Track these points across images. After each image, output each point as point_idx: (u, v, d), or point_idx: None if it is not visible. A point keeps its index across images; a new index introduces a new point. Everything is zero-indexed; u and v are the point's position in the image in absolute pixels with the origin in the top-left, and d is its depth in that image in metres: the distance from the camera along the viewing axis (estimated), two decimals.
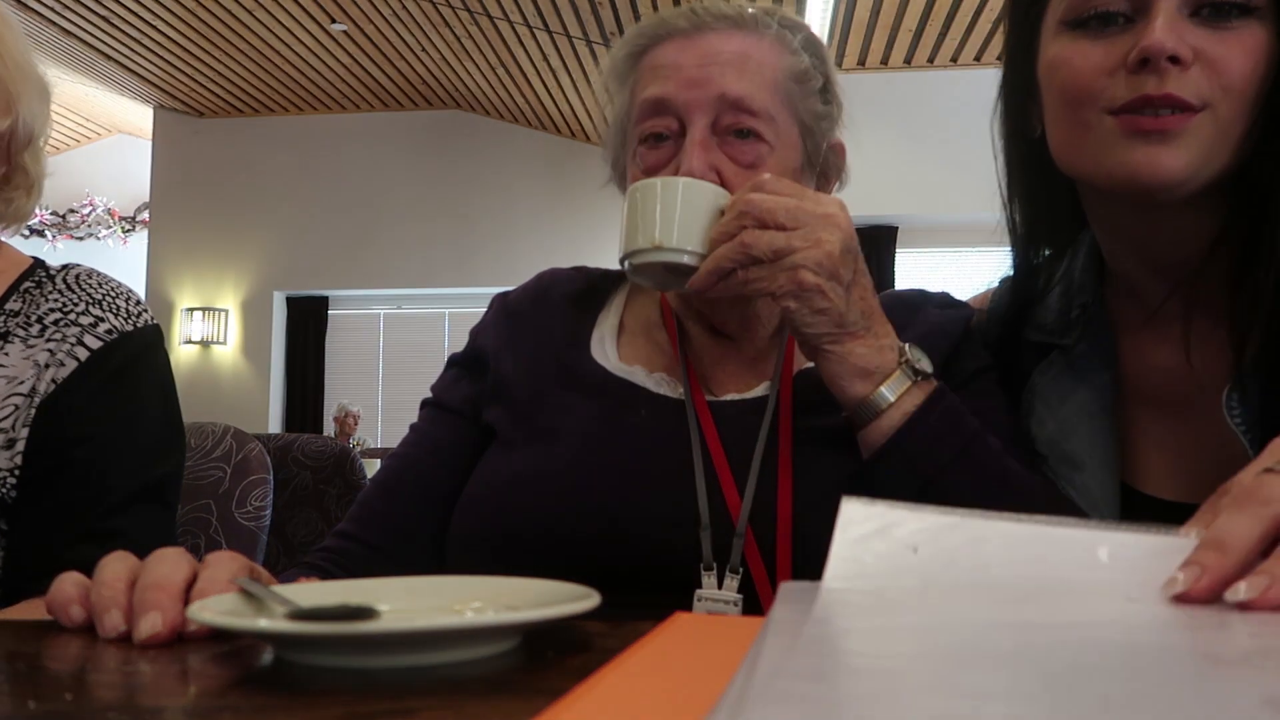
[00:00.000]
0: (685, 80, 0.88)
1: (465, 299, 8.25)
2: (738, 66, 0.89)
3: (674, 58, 0.90)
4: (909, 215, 6.65)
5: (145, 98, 8.08)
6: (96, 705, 0.46)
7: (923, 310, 0.96)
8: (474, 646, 0.53)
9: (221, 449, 1.26)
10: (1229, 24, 0.76)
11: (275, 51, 7.00)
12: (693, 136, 0.88)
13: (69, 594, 0.63)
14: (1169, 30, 0.75)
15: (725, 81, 0.88)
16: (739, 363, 0.96)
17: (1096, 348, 0.92)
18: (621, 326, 1.01)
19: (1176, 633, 0.39)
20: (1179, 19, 0.76)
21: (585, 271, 1.07)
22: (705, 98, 0.88)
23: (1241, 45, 0.76)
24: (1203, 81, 0.76)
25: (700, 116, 0.88)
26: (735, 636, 0.46)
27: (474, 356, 1.02)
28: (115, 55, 7.10)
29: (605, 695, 0.35)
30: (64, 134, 9.50)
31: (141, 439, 1.04)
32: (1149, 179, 0.76)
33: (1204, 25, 0.76)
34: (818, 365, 0.82)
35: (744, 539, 0.82)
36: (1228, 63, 0.75)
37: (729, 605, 0.81)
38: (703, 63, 0.89)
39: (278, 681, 0.50)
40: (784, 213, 0.77)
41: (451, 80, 7.49)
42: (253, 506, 1.23)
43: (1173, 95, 0.75)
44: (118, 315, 1.06)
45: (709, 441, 0.87)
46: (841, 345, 0.80)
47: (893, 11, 5.90)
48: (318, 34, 6.67)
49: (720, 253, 0.79)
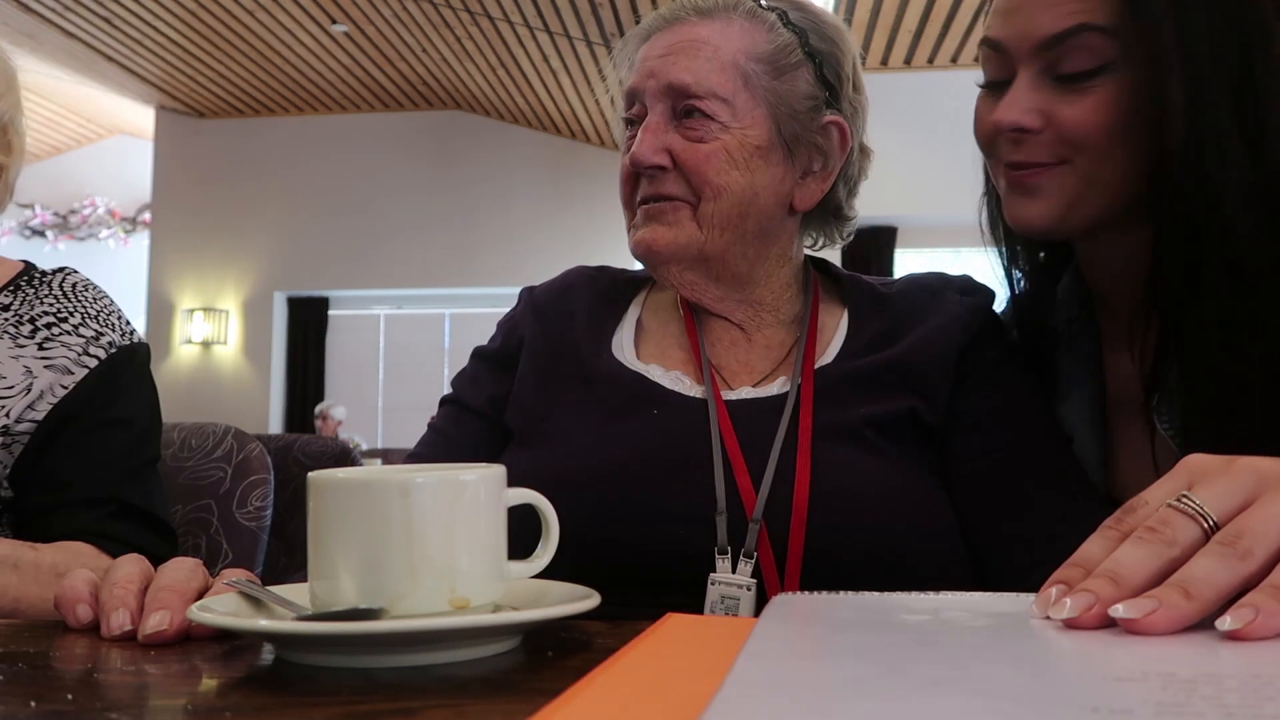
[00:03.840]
0: (646, 71, 0.95)
1: (465, 299, 8.25)
2: (690, 54, 0.93)
3: (647, 51, 0.96)
4: (909, 215, 6.65)
5: (146, 98, 8.08)
6: (97, 705, 0.46)
7: (942, 296, 0.96)
8: (474, 646, 0.53)
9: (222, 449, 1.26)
10: (1080, 85, 0.80)
11: (276, 52, 7.00)
12: (645, 123, 0.94)
13: (79, 591, 0.63)
14: (1014, 106, 0.82)
15: (675, 70, 0.93)
16: (752, 351, 0.97)
17: (1082, 361, 0.94)
18: (640, 325, 1.02)
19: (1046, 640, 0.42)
20: (1037, 85, 0.81)
21: (609, 271, 1.08)
22: (657, 86, 0.93)
23: (1093, 103, 0.79)
24: (1055, 142, 0.81)
25: (654, 103, 0.94)
26: (725, 638, 0.47)
27: (503, 350, 1.02)
28: (116, 56, 7.10)
29: (596, 697, 0.36)
30: (65, 135, 9.51)
31: (147, 432, 1.11)
32: (1020, 226, 0.86)
33: (1060, 87, 0.80)
34: None
35: (759, 525, 0.82)
36: (1077, 121, 0.80)
37: (743, 589, 0.81)
38: (663, 53, 0.94)
39: (278, 681, 0.50)
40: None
41: (452, 81, 7.50)
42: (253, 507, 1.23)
43: (1025, 161, 0.83)
44: (114, 330, 1.11)
45: (725, 437, 0.87)
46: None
47: (893, 11, 5.90)
48: (318, 35, 6.68)
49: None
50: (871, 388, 0.89)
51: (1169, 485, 0.48)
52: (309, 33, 6.64)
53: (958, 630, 0.43)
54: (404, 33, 6.60)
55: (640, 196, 0.95)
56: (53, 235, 9.73)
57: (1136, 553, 0.45)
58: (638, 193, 0.95)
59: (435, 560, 0.54)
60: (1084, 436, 0.91)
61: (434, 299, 8.35)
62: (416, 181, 8.20)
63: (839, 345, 0.95)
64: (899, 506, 0.83)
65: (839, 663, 0.38)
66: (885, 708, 0.31)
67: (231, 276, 8.31)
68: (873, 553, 0.80)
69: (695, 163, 0.92)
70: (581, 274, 1.07)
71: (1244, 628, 0.40)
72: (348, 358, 8.40)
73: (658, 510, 0.84)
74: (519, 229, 8.06)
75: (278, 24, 6.50)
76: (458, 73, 7.29)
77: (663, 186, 0.93)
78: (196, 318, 8.23)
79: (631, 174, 0.95)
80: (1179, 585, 0.43)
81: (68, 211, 9.74)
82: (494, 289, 7.80)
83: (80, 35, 6.72)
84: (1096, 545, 0.47)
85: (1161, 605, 0.42)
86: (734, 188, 0.92)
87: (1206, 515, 0.45)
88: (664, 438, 0.88)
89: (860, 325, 0.95)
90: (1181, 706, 0.30)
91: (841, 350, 0.94)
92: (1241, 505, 0.45)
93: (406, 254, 8.12)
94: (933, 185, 6.21)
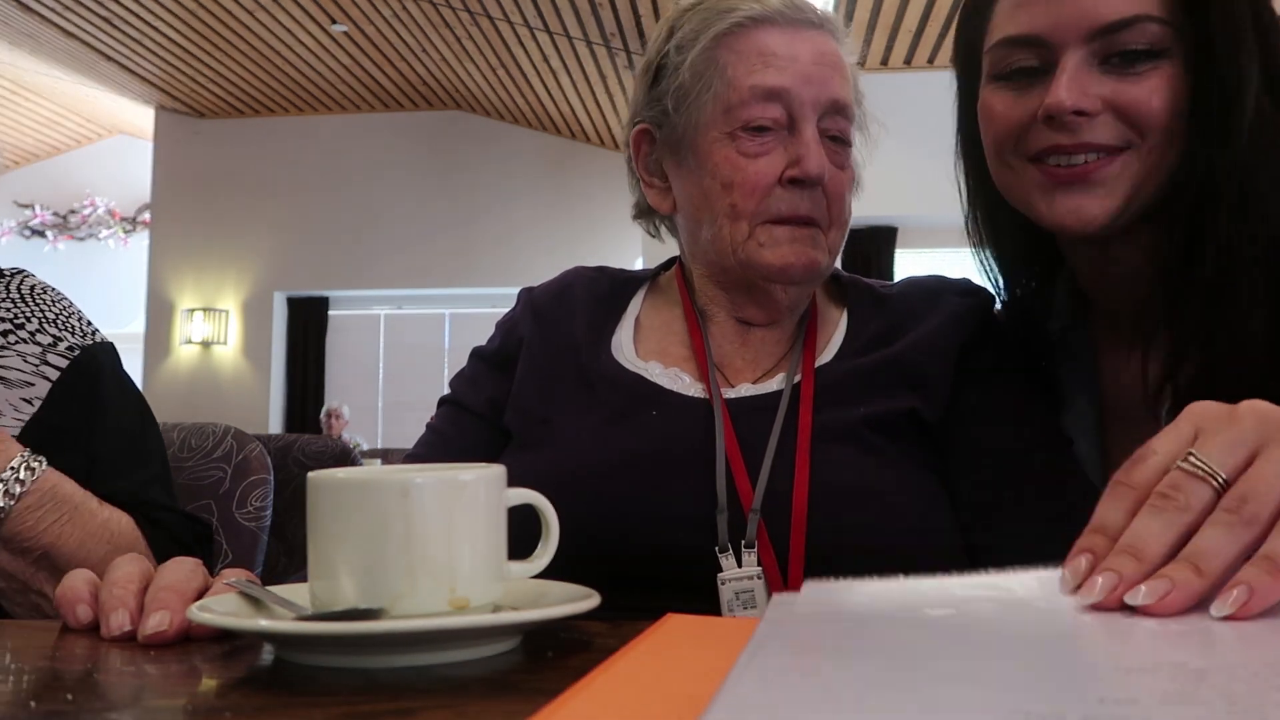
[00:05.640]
0: (801, 75, 0.88)
1: (465, 299, 8.25)
2: (841, 70, 0.90)
3: (786, 48, 0.89)
4: (909, 215, 6.64)
5: (146, 98, 8.08)
6: (97, 705, 0.46)
7: (942, 298, 0.96)
8: (474, 646, 0.53)
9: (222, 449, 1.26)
10: (1138, 69, 0.78)
11: (276, 52, 7.00)
12: (809, 133, 0.88)
13: (79, 592, 0.63)
14: (1072, 87, 0.77)
15: (835, 84, 0.89)
16: (758, 349, 0.96)
17: (1078, 370, 0.94)
18: (639, 324, 1.01)
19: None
20: (1085, 71, 0.78)
21: (608, 271, 1.07)
22: (820, 98, 0.88)
23: (1153, 87, 0.77)
24: (1116, 126, 0.78)
25: (812, 114, 0.88)
26: (725, 638, 0.47)
27: (502, 350, 1.01)
28: (116, 56, 7.10)
29: (596, 697, 0.36)
30: (64, 134, 9.51)
31: (144, 431, 1.05)
32: (1074, 222, 0.80)
33: (1113, 73, 0.78)
34: None
35: (758, 518, 0.82)
36: (1141, 105, 0.78)
37: (755, 579, 0.80)
38: (816, 60, 0.89)
39: (278, 681, 0.50)
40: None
41: (452, 81, 7.50)
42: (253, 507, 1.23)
43: (1089, 142, 0.78)
44: (74, 334, 1.04)
45: (725, 434, 0.87)
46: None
47: (893, 11, 5.90)
48: (318, 35, 6.67)
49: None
50: (871, 386, 0.89)
51: (1174, 435, 0.49)
52: (309, 33, 6.64)
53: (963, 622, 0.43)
54: (404, 33, 6.60)
55: (795, 215, 0.89)
56: (52, 235, 9.73)
57: (1154, 525, 0.46)
58: (772, 205, 0.89)
59: (435, 560, 0.54)
60: (1082, 447, 0.91)
61: (434, 299, 8.35)
62: (416, 181, 8.20)
63: (839, 344, 0.94)
64: (899, 504, 0.83)
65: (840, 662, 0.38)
66: (888, 705, 0.31)
67: (231, 276, 8.31)
68: (873, 551, 0.80)
69: (839, 189, 0.91)
70: (580, 275, 1.06)
71: (1238, 610, 0.42)
72: (348, 358, 8.40)
73: (658, 510, 0.84)
74: (519, 229, 8.06)
75: (278, 24, 6.50)
76: (458, 73, 7.29)
77: (816, 209, 0.89)
78: (196, 318, 8.23)
79: (768, 185, 0.88)
80: (1190, 562, 0.44)
81: (67, 211, 9.74)
82: (494, 289, 7.80)
83: (80, 35, 6.72)
84: (1113, 510, 0.48)
85: (1175, 586, 0.43)
86: (848, 218, 0.93)
87: (1215, 474, 0.46)
88: (664, 438, 0.88)
89: (860, 324, 0.95)
90: (1189, 696, 0.31)
91: (841, 349, 0.94)
92: (1248, 458, 0.46)
93: (406, 254, 8.12)
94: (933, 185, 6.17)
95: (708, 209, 0.91)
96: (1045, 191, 0.81)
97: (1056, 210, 0.81)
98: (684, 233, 0.99)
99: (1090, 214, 0.79)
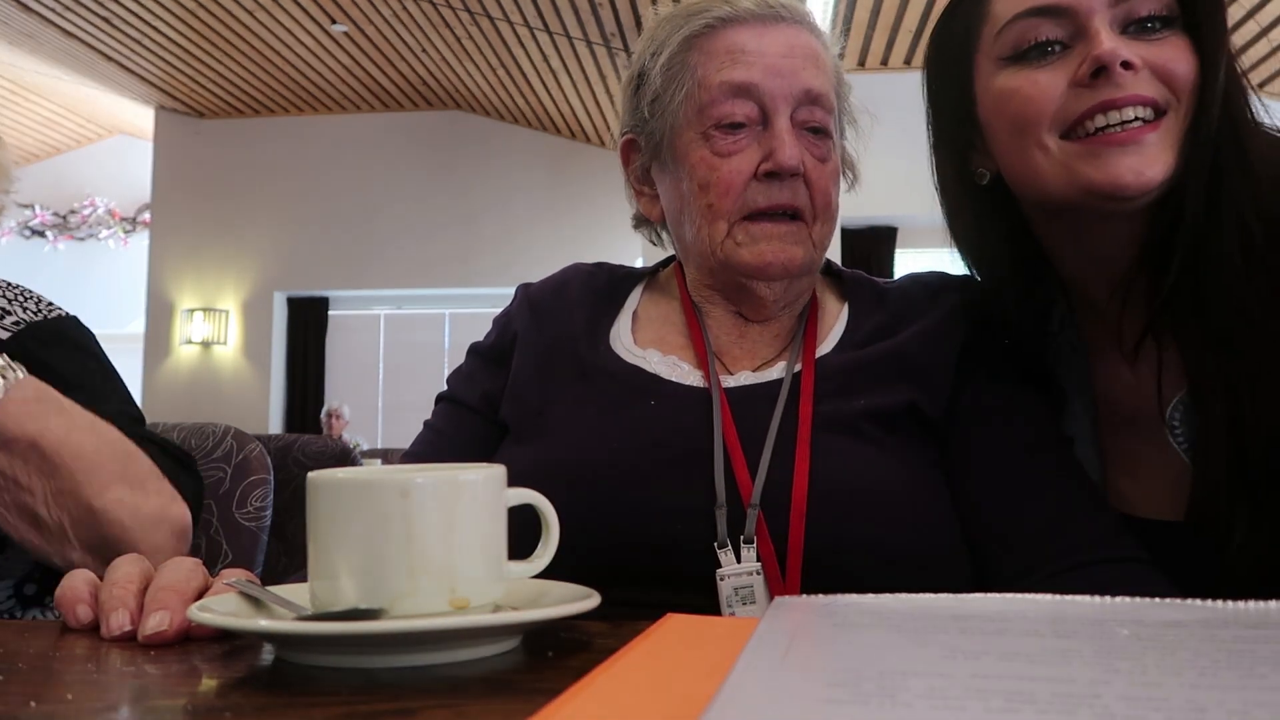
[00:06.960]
0: (769, 68, 0.88)
1: (465, 299, 8.25)
2: (815, 61, 0.90)
3: (755, 44, 0.89)
4: (909, 215, 6.64)
5: (146, 98, 8.08)
6: (97, 705, 0.46)
7: (944, 294, 0.95)
8: (474, 646, 0.53)
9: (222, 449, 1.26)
10: (1158, 34, 0.79)
11: (276, 52, 7.00)
12: (782, 125, 0.87)
13: (79, 591, 0.63)
14: (1113, 41, 0.77)
15: (808, 75, 0.88)
16: (756, 340, 0.96)
17: (1071, 375, 0.94)
18: (637, 316, 1.01)
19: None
20: (1116, 34, 0.79)
21: (606, 266, 1.07)
22: (791, 89, 0.88)
23: (1175, 49, 0.78)
24: (1156, 84, 0.78)
25: (785, 106, 0.88)
26: (725, 638, 0.47)
27: (498, 346, 1.01)
28: (116, 56, 7.10)
29: (596, 697, 0.36)
30: (64, 135, 9.51)
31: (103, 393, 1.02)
32: (1135, 187, 0.77)
33: (1136, 39, 0.78)
34: None
35: (758, 513, 0.81)
36: (1173, 64, 0.78)
37: (754, 575, 0.80)
38: (786, 53, 0.89)
39: (278, 681, 0.50)
40: None
41: (452, 81, 7.50)
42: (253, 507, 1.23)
43: (1140, 95, 0.77)
44: (25, 310, 1.04)
45: (724, 425, 0.86)
46: None
47: (893, 11, 5.90)
48: (318, 35, 6.67)
49: None
50: (871, 378, 0.89)
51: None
52: (309, 33, 6.64)
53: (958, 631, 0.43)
54: (404, 33, 6.60)
55: (775, 206, 0.88)
56: (52, 235, 9.73)
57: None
58: (749, 200, 0.88)
59: (435, 560, 0.54)
60: (1080, 447, 0.91)
61: (434, 299, 8.35)
62: (416, 181, 8.20)
63: (839, 335, 0.94)
64: (899, 499, 0.82)
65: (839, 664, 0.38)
66: (884, 710, 0.31)
67: (231, 276, 8.31)
68: (873, 546, 0.79)
69: (822, 180, 0.90)
70: (578, 270, 1.06)
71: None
72: (348, 358, 8.40)
73: (656, 503, 0.83)
74: (519, 229, 8.06)
75: (277, 24, 6.50)
76: (458, 73, 7.29)
77: (797, 198, 0.88)
78: (196, 318, 8.23)
79: (744, 181, 0.88)
80: None
81: (67, 211, 9.74)
82: (494, 289, 7.79)
83: (80, 35, 6.72)
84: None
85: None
86: (835, 210, 0.92)
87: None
88: (661, 430, 0.87)
89: (860, 317, 0.95)
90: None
91: (841, 340, 0.94)
92: None
93: (406, 254, 8.12)
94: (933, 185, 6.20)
95: (688, 210, 0.92)
96: (1095, 158, 0.78)
97: (1114, 172, 0.77)
98: (673, 236, 1.01)
99: (1152, 174, 0.77)
